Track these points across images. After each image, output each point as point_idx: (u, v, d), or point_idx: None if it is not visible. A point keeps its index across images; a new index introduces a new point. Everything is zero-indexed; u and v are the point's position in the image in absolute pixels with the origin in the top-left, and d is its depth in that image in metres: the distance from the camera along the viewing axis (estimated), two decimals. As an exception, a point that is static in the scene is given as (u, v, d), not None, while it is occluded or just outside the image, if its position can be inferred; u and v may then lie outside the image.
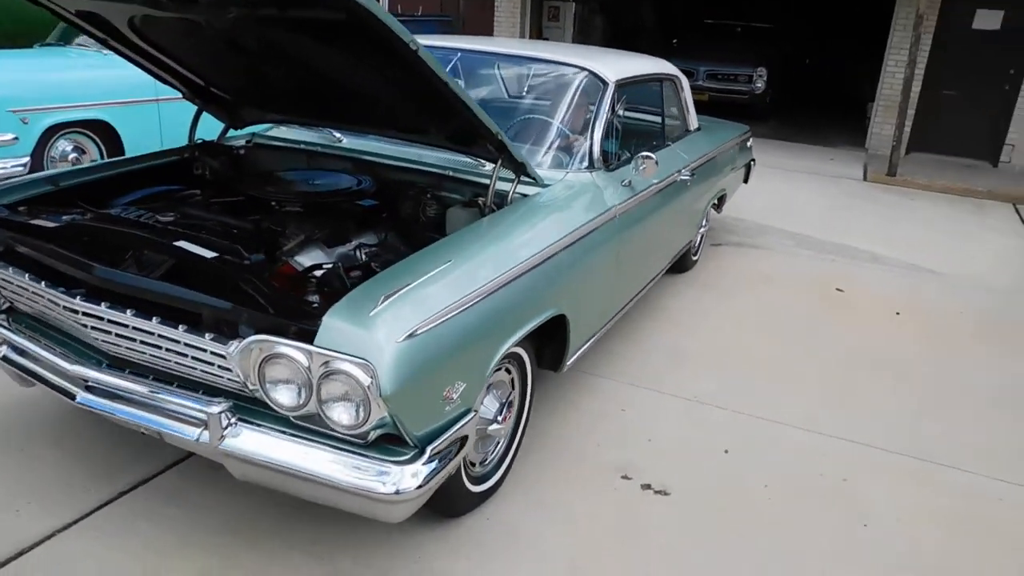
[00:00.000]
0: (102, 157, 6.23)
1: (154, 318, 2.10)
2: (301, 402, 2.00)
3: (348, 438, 2.04)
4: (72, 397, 2.26)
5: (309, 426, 2.08)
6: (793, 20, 14.08)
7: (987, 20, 9.43)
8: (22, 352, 2.45)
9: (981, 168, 9.64)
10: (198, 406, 2.10)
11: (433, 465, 2.03)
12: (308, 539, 2.53)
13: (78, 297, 2.18)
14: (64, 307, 2.23)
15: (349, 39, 2.18)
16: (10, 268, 2.38)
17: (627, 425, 3.42)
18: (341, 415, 1.97)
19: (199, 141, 3.46)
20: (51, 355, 2.29)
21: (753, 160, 6.44)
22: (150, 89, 6.43)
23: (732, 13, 13.58)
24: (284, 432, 2.09)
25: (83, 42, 6.91)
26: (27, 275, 2.32)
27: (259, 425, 2.11)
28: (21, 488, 2.69)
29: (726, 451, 3.28)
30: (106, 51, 6.40)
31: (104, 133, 6.18)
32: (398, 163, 3.24)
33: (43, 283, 2.27)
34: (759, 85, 11.67)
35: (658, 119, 4.45)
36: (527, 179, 2.96)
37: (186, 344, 2.09)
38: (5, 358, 2.47)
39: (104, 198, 3.01)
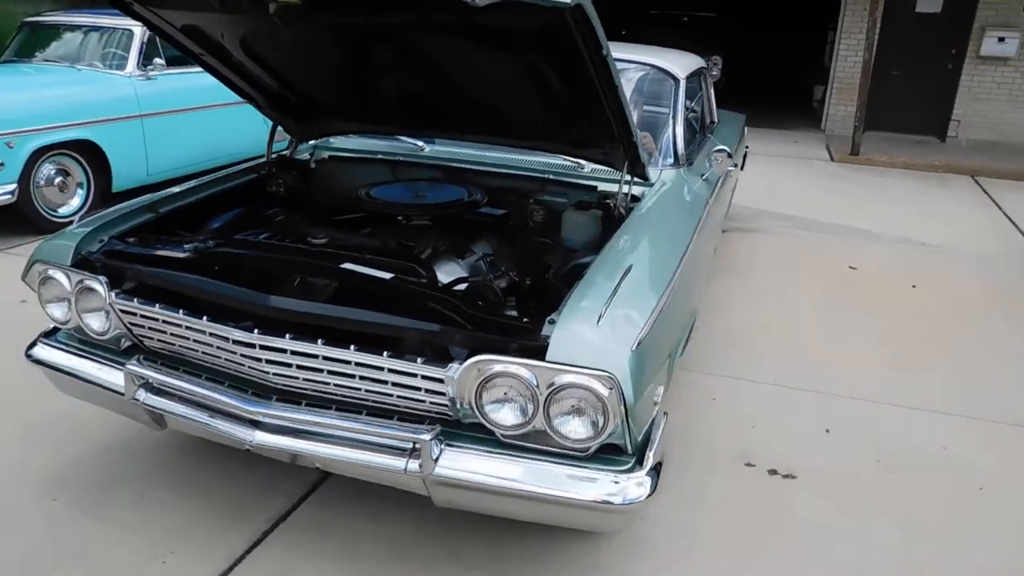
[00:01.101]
0: (88, 181, 5.87)
1: (352, 346, 2.01)
2: (525, 420, 1.96)
3: (569, 452, 2.02)
4: (240, 438, 2.14)
5: (519, 443, 2.04)
6: (734, 9, 14.52)
7: (929, 4, 9.99)
8: (162, 392, 2.30)
9: (930, 143, 10.21)
10: (406, 434, 2.02)
11: (655, 473, 2.03)
12: (482, 555, 2.48)
13: (256, 331, 2.06)
14: (235, 341, 2.10)
15: (531, 43, 2.14)
16: (156, 304, 2.22)
17: (725, 414, 3.49)
18: (574, 429, 1.94)
19: (275, 156, 3.31)
20: (220, 395, 2.16)
21: (747, 147, 6.63)
22: (132, 104, 6.11)
23: (675, 3, 13.90)
24: (497, 452, 2.04)
25: (49, 57, 6.48)
26: (180, 311, 2.18)
27: (466, 447, 2.05)
28: (157, 537, 2.53)
29: (827, 431, 3.39)
30: (80, 66, 6.09)
31: (90, 154, 5.82)
32: (493, 169, 3.20)
33: (204, 318, 2.14)
34: (715, 73, 11.99)
35: (697, 112, 4.54)
36: (638, 180, 2.97)
37: (391, 371, 2.01)
38: (142, 401, 2.30)
39: (196, 223, 2.86)
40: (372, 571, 2.42)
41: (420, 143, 3.41)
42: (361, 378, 2.06)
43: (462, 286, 2.45)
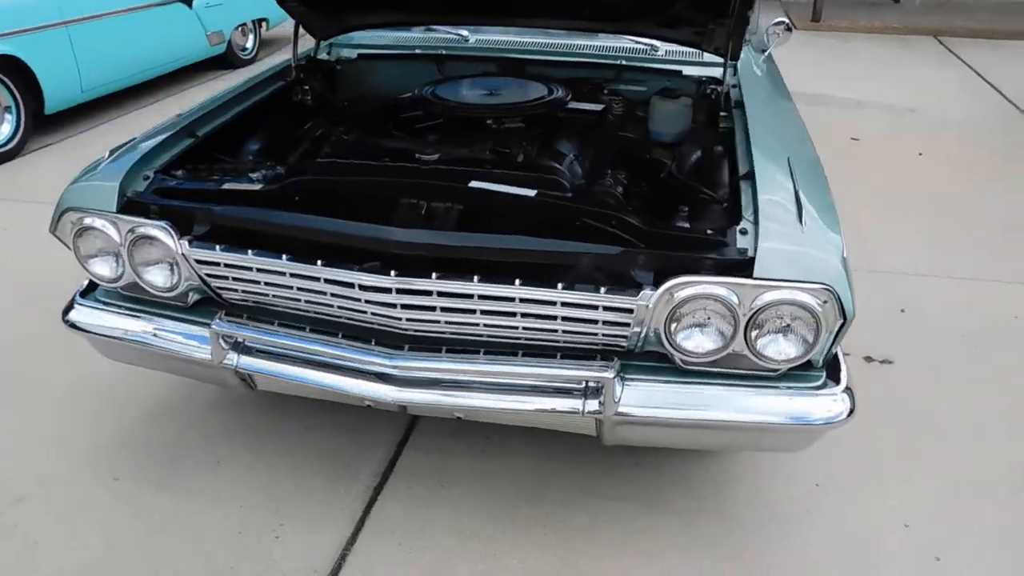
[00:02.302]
0: (16, 104, 5.05)
1: (516, 281, 1.71)
2: (723, 344, 1.74)
3: (757, 373, 1.82)
4: (380, 397, 1.84)
5: (702, 369, 1.83)
6: None
7: None
8: (258, 352, 1.95)
9: (885, 5, 10.10)
10: (584, 372, 1.77)
11: (850, 390, 1.86)
12: (626, 480, 2.32)
13: (393, 273, 1.72)
14: (363, 287, 1.76)
15: None
16: (248, 251, 1.84)
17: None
18: (781, 350, 1.73)
19: (302, 60, 2.81)
20: (341, 350, 1.83)
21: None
22: (54, 9, 5.22)
23: None
24: (680, 381, 1.83)
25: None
26: (284, 256, 1.80)
27: (644, 380, 1.82)
28: (256, 507, 2.24)
29: (902, 310, 3.33)
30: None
31: (15, 73, 4.98)
32: (556, 58, 2.82)
33: (319, 262, 1.78)
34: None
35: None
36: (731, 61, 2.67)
37: (565, 304, 1.72)
38: (237, 366, 1.95)
39: (237, 146, 2.41)
40: (512, 514, 2.22)
41: (464, 32, 2.96)
42: (523, 315, 1.77)
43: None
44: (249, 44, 7.81)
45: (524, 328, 1.81)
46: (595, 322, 1.76)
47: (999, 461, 2.44)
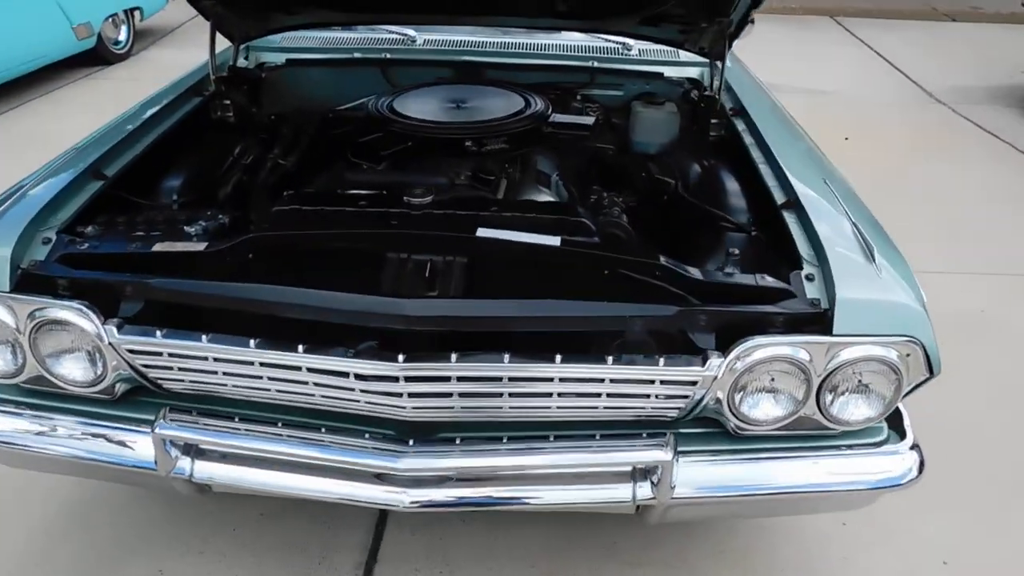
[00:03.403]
0: None
1: (556, 357, 1.39)
2: (794, 409, 1.49)
3: (816, 433, 1.59)
4: (386, 500, 1.49)
5: (757, 434, 1.58)
6: None
7: None
8: (215, 455, 1.55)
9: (777, -15, 10.26)
10: (640, 455, 1.48)
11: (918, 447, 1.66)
12: (637, 547, 2.06)
13: (401, 358, 1.36)
14: (360, 377, 1.39)
15: None
16: (203, 338, 1.42)
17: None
18: (858, 410, 1.51)
19: (222, 70, 2.35)
20: (343, 453, 1.45)
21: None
22: None
23: None
24: (735, 451, 1.57)
25: None
26: (252, 342, 1.40)
27: (696, 454, 1.56)
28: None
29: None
30: None
31: None
32: (520, 61, 2.49)
33: (300, 347, 1.39)
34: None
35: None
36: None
37: (615, 380, 1.42)
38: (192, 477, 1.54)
39: (157, 182, 1.96)
40: None
41: (410, 31, 2.58)
42: (561, 395, 1.45)
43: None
44: (122, 37, 6.95)
45: (559, 408, 1.49)
46: (647, 396, 1.47)
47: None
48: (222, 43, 2.40)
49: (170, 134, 2.06)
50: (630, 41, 2.53)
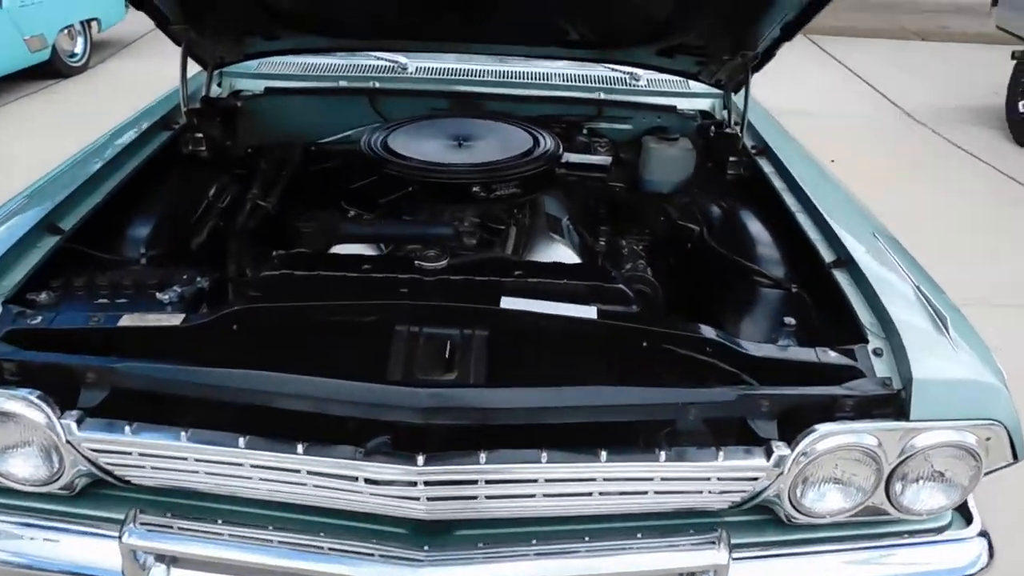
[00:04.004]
0: None
1: (603, 453, 1.19)
2: (861, 500, 1.33)
3: (875, 520, 1.42)
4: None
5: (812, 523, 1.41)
6: None
7: None
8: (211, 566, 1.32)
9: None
10: (693, 558, 1.29)
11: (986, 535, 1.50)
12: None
13: (422, 460, 1.15)
14: (371, 481, 1.19)
15: None
16: (182, 434, 1.19)
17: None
18: (929, 499, 1.34)
19: (200, 102, 2.12)
20: (351, 563, 1.24)
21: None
22: None
23: None
24: (790, 544, 1.40)
25: None
26: (242, 439, 1.18)
27: (749, 547, 1.38)
28: None
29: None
30: None
31: None
32: (521, 92, 2.31)
33: (301, 448, 1.17)
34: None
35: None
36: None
37: (667, 478, 1.23)
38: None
39: (117, 237, 1.72)
40: None
41: (400, 58, 2.38)
42: (603, 494, 1.26)
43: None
44: (79, 49, 6.62)
45: (599, 505, 1.30)
46: (700, 492, 1.28)
47: None
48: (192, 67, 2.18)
49: (135, 175, 1.82)
50: (638, 71, 2.37)
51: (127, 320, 1.32)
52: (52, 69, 6.19)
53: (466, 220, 1.79)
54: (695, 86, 2.37)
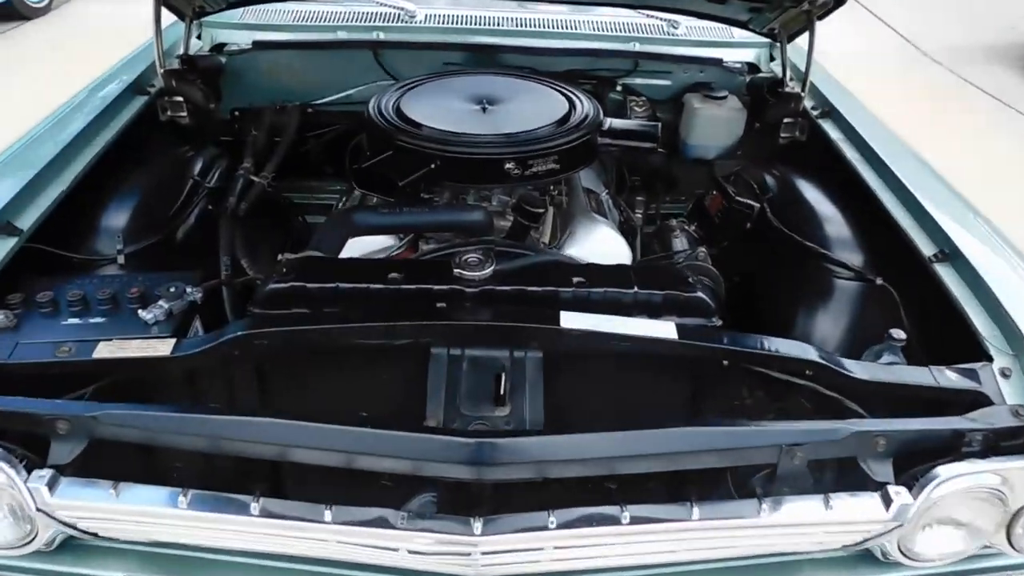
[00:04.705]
0: None
1: (692, 505, 0.98)
2: (976, 544, 1.14)
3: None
4: None
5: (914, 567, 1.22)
6: None
7: None
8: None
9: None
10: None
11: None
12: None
13: (479, 524, 0.94)
14: (417, 552, 0.98)
15: None
16: (181, 499, 0.97)
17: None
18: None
19: (178, 61, 1.83)
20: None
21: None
22: None
23: None
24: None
25: None
26: (256, 501, 0.96)
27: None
28: None
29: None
30: None
31: None
32: (546, 43, 2.03)
33: (329, 513, 0.95)
34: None
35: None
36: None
37: (766, 527, 1.03)
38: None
39: (86, 226, 1.46)
40: None
41: (407, 4, 2.07)
42: (689, 547, 1.06)
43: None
44: (40, -11, 6.12)
45: (678, 555, 1.10)
46: (798, 543, 1.09)
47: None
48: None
49: (105, 153, 1.55)
50: (677, 17, 2.08)
51: (105, 350, 1.08)
52: (13, 11, 5.72)
53: (497, 202, 1.54)
54: (739, 34, 2.09)
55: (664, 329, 1.10)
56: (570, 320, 1.09)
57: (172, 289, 1.19)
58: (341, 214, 1.42)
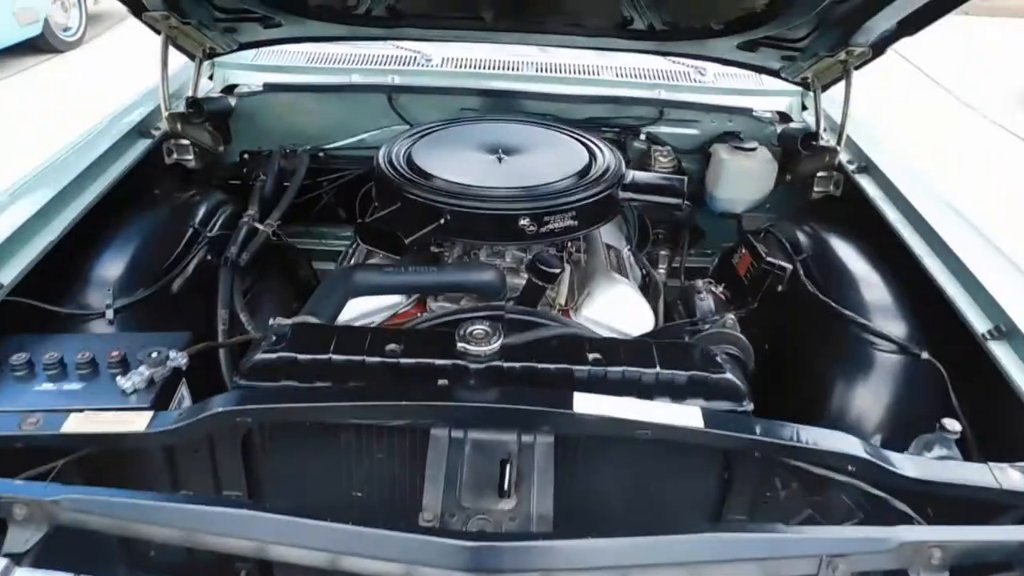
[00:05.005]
0: None
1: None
2: None
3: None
4: None
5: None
6: None
7: None
8: None
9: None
10: None
11: None
12: None
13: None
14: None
15: None
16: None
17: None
18: None
19: (185, 103, 1.77)
20: None
21: None
22: None
23: None
24: None
25: None
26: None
27: None
28: None
29: None
30: None
31: None
32: (565, 90, 1.96)
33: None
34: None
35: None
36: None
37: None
38: None
39: (76, 274, 1.39)
40: None
41: (426, 48, 2.02)
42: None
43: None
44: (72, 22, 6.23)
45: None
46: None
47: None
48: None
49: (101, 199, 1.48)
50: (705, 64, 2.00)
51: (75, 423, 0.99)
52: (44, 45, 5.82)
53: (511, 258, 1.45)
54: (769, 82, 2.00)
55: (689, 416, 0.98)
56: (584, 403, 0.98)
57: (154, 355, 1.11)
58: (340, 273, 1.33)
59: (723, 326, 1.39)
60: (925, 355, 1.31)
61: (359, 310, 1.43)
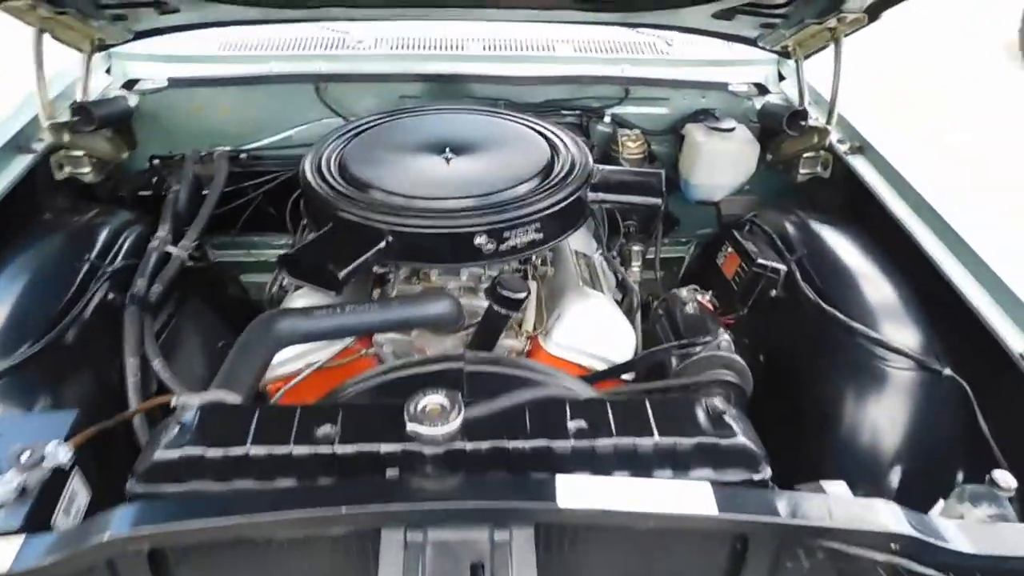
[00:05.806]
0: None
1: None
2: None
3: None
4: None
5: None
6: None
7: None
8: None
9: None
10: None
11: None
12: None
13: None
14: None
15: None
16: None
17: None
18: None
19: (71, 112, 1.50)
20: None
21: None
22: None
23: None
24: None
25: None
26: None
27: None
28: None
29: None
30: None
31: None
32: (511, 70, 1.73)
33: None
34: None
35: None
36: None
37: None
38: None
39: None
40: None
41: (354, 27, 1.76)
42: None
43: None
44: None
45: None
46: None
47: None
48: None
49: None
50: (672, 34, 1.79)
51: None
52: None
53: (468, 276, 1.25)
54: (744, 51, 1.79)
55: (696, 496, 0.80)
56: (570, 491, 0.79)
57: (26, 454, 0.87)
58: (259, 325, 1.09)
59: (717, 348, 1.21)
60: (947, 371, 1.15)
61: (293, 352, 1.22)
